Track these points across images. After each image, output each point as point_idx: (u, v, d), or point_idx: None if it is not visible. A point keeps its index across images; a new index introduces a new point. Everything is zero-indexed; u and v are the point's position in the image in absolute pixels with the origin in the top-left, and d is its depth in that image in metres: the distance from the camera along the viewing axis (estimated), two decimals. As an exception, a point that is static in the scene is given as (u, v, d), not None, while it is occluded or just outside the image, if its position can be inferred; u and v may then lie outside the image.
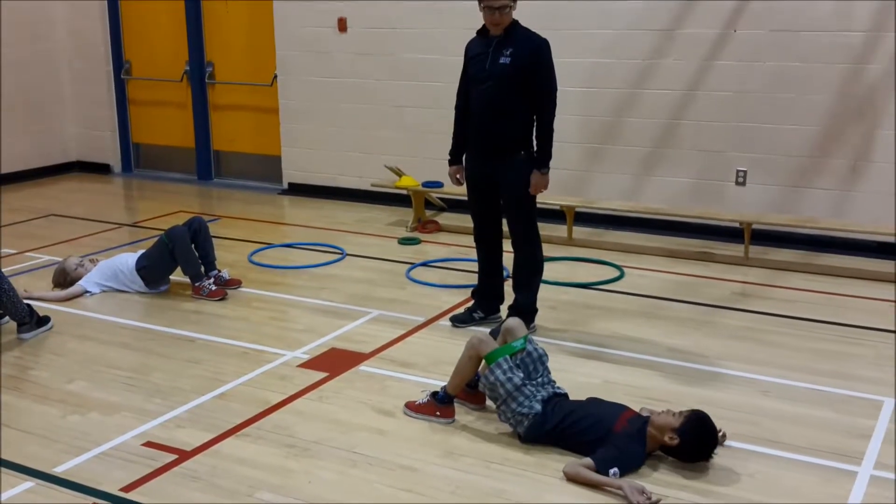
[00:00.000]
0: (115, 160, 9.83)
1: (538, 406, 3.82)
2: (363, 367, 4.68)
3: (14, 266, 6.38)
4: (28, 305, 5.13)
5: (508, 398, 3.83)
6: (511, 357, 3.92)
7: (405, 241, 7.03)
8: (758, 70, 6.68)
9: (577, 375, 4.50)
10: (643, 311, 5.49)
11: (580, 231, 7.02)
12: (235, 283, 5.94)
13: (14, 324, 5.12)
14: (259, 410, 4.19)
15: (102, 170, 9.84)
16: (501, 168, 4.90)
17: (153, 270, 5.81)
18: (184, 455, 3.80)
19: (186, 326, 5.30)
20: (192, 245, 5.79)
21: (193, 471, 3.68)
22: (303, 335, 5.13)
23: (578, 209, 6.96)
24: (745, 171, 6.87)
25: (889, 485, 3.56)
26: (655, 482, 3.55)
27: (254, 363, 4.74)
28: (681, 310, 5.53)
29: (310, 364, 4.72)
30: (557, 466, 3.65)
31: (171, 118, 9.49)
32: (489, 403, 4.08)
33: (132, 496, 3.49)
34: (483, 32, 4.91)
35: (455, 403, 4.11)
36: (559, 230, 6.94)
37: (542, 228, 5.19)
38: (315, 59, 8.32)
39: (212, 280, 5.78)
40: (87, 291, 5.81)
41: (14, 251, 6.78)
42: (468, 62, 4.99)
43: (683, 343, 4.99)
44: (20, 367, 4.76)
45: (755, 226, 6.44)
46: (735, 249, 6.55)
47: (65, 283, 5.88)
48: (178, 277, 5.90)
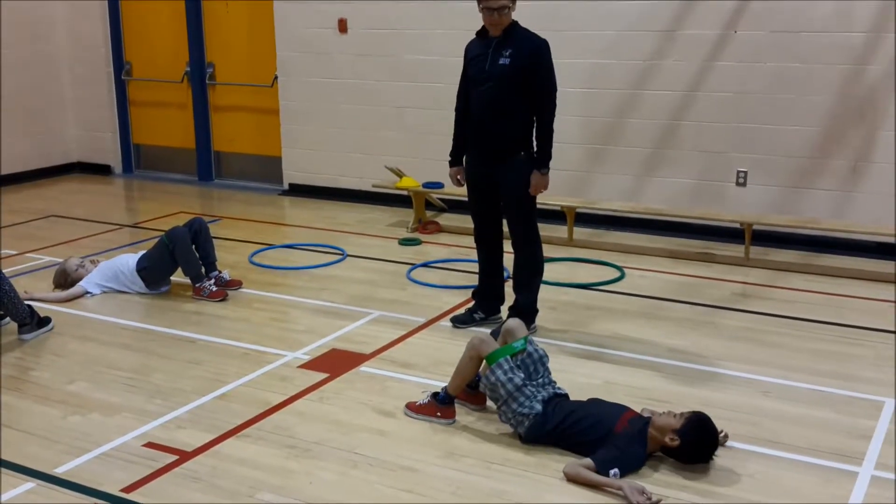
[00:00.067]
0: (116, 161, 9.83)
1: (539, 406, 3.82)
2: (364, 368, 4.68)
3: (15, 267, 6.38)
4: (29, 306, 5.13)
5: (509, 398, 3.83)
6: (512, 358, 3.92)
7: (406, 242, 7.03)
8: (758, 71, 6.68)
9: (578, 376, 4.50)
10: (644, 312, 5.49)
11: (581, 232, 7.02)
12: (236, 284, 5.94)
13: (15, 325, 5.13)
14: (260, 411, 4.19)
15: (103, 171, 9.84)
16: (501, 169, 4.90)
17: (154, 271, 5.81)
18: (184, 456, 3.80)
19: (187, 327, 5.30)
20: (193, 246, 5.79)
21: (194, 471, 3.68)
22: (303, 336, 5.13)
23: (579, 210, 6.96)
24: (746, 172, 6.87)
25: (889, 485, 3.56)
26: (656, 483, 3.56)
27: (254, 364, 4.75)
28: (681, 310, 5.53)
29: (310, 365, 4.72)
30: (558, 467, 3.65)
31: (172, 119, 9.50)
32: (490, 404, 4.08)
33: (133, 497, 3.49)
34: (482, 33, 4.91)
35: (456, 404, 4.11)
36: (560, 231, 6.94)
37: (543, 229, 5.19)
38: (315, 60, 8.32)
39: (212, 281, 5.79)
40: (88, 292, 5.82)
41: (15, 252, 6.78)
42: (468, 63, 4.99)
43: (684, 343, 4.99)
44: (21, 368, 4.77)
45: (756, 226, 6.44)
46: (736, 250, 6.55)
47: (65, 284, 5.88)
48: (179, 278, 5.90)
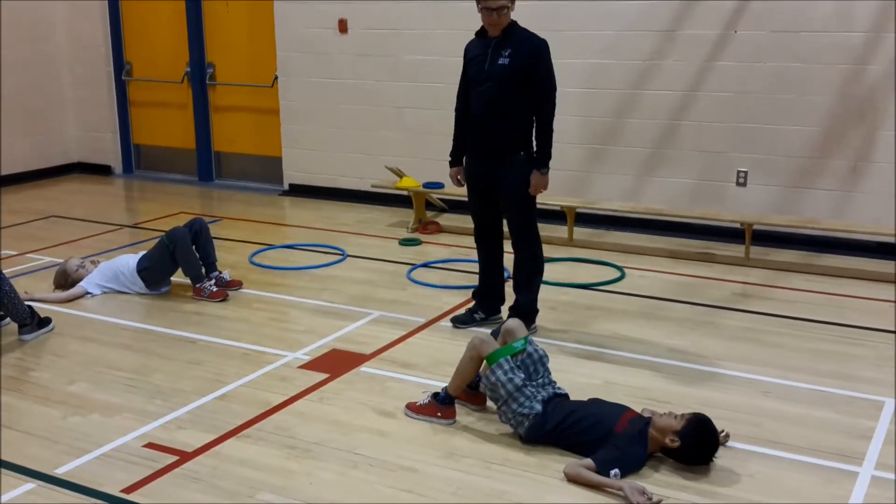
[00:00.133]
0: (116, 161, 9.83)
1: (539, 406, 3.82)
2: (364, 368, 4.68)
3: (15, 267, 6.38)
4: (29, 307, 5.13)
5: (509, 399, 3.83)
6: (512, 358, 3.92)
7: (406, 242, 7.03)
8: (758, 71, 6.68)
9: (578, 376, 4.50)
10: (644, 312, 5.49)
11: (581, 232, 7.02)
12: (236, 285, 5.94)
13: (15, 325, 5.13)
14: (260, 411, 4.19)
15: (103, 171, 9.84)
16: (501, 168, 4.90)
17: (154, 272, 5.82)
18: (185, 456, 3.80)
19: (187, 328, 5.30)
20: (193, 246, 5.79)
21: (194, 472, 3.68)
22: (303, 336, 5.13)
23: (579, 210, 6.96)
24: (746, 172, 6.87)
25: (890, 485, 3.56)
26: (656, 483, 3.56)
27: (255, 364, 4.74)
28: (681, 310, 5.53)
29: (311, 365, 4.72)
30: (558, 467, 3.65)
31: (172, 119, 9.50)
32: (490, 404, 4.08)
33: (133, 497, 3.49)
34: (482, 33, 4.91)
35: (456, 404, 4.11)
36: (560, 231, 6.94)
37: (543, 229, 5.19)
38: (315, 61, 8.32)
39: (213, 281, 5.78)
40: (88, 293, 5.82)
41: (15, 252, 6.78)
42: (467, 63, 4.99)
43: (684, 344, 4.99)
44: (21, 369, 4.77)
45: (756, 226, 6.44)
46: (736, 250, 6.55)
47: (66, 285, 5.88)
48: (179, 279, 5.90)
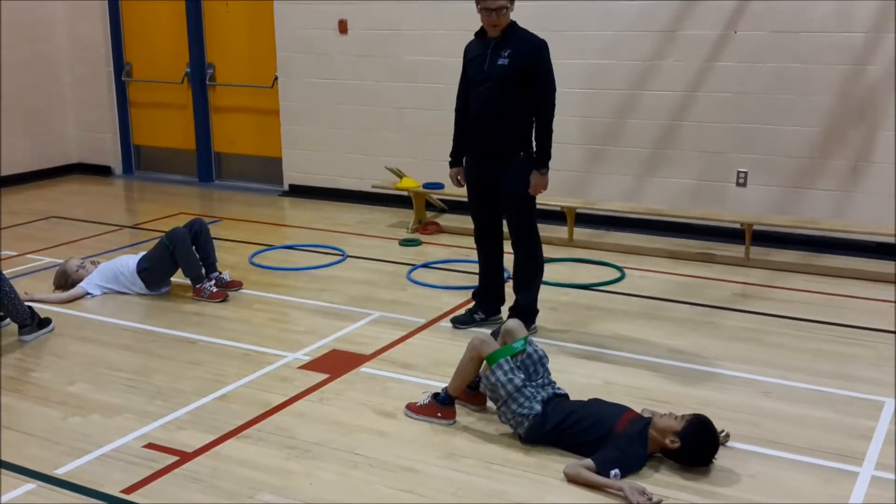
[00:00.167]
0: (116, 162, 9.83)
1: (538, 407, 3.82)
2: (364, 369, 4.68)
3: (15, 268, 6.38)
4: (29, 307, 5.13)
5: (509, 399, 3.83)
6: (512, 358, 3.92)
7: (406, 243, 7.03)
8: (758, 71, 6.68)
9: (578, 376, 4.50)
10: (644, 312, 5.49)
11: (581, 232, 7.02)
12: (236, 285, 5.94)
13: (15, 326, 5.12)
14: (260, 412, 4.19)
15: (103, 172, 9.84)
16: (501, 169, 4.90)
17: (154, 272, 5.82)
18: (185, 457, 3.80)
19: (187, 328, 5.30)
20: (193, 247, 5.79)
21: (194, 472, 3.68)
22: (304, 337, 5.13)
23: (579, 210, 6.96)
24: (746, 172, 6.87)
25: (890, 485, 3.56)
26: (656, 483, 3.56)
27: (255, 365, 4.75)
28: (681, 311, 5.53)
29: (311, 366, 4.72)
30: (558, 467, 3.65)
31: (172, 120, 9.50)
32: (490, 405, 4.08)
33: (133, 498, 3.49)
34: (481, 34, 4.90)
35: (456, 405, 4.11)
36: (560, 231, 6.94)
37: (543, 229, 5.19)
38: (316, 61, 8.33)
39: (213, 282, 5.78)
40: (88, 293, 5.82)
41: (15, 253, 6.78)
42: (467, 64, 4.99)
43: (684, 344, 4.99)
44: (21, 369, 4.77)
45: (756, 227, 6.43)
46: (736, 250, 6.55)
47: (66, 285, 5.88)
48: (179, 279, 5.90)
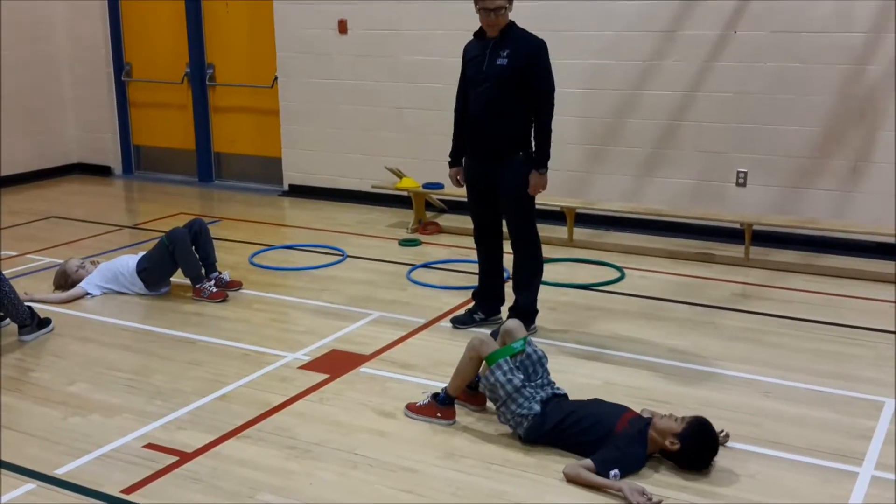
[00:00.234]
0: (116, 162, 9.83)
1: (537, 407, 3.82)
2: (364, 369, 4.68)
3: (15, 268, 6.38)
4: (29, 307, 5.13)
5: (508, 400, 3.83)
6: (511, 358, 3.92)
7: (406, 243, 7.03)
8: (758, 71, 6.68)
9: (578, 377, 4.50)
10: (644, 313, 5.49)
11: (581, 232, 7.02)
12: (236, 285, 5.94)
13: (15, 326, 5.13)
14: (260, 412, 4.19)
15: (103, 172, 9.84)
16: (500, 169, 4.90)
17: (154, 272, 5.82)
18: (185, 457, 3.80)
19: (187, 328, 5.30)
20: (193, 247, 5.79)
21: (194, 472, 3.68)
22: (303, 337, 5.13)
23: (579, 210, 6.96)
24: (746, 172, 6.87)
25: (889, 485, 3.56)
26: (656, 483, 3.56)
27: (255, 365, 4.75)
28: (681, 311, 5.53)
29: (310, 366, 4.72)
30: (558, 468, 3.65)
31: (172, 120, 9.50)
32: (489, 405, 4.08)
33: (133, 498, 3.49)
34: (480, 34, 4.90)
35: (456, 405, 4.11)
36: (560, 231, 6.94)
37: (543, 230, 5.19)
38: (315, 61, 8.33)
39: (212, 282, 5.78)
40: (88, 293, 5.82)
41: (15, 253, 6.78)
42: (466, 64, 4.99)
43: (684, 344, 4.99)
44: (21, 369, 4.77)
45: (756, 227, 6.43)
46: (736, 250, 6.55)
47: (66, 285, 5.89)
48: (179, 279, 5.90)
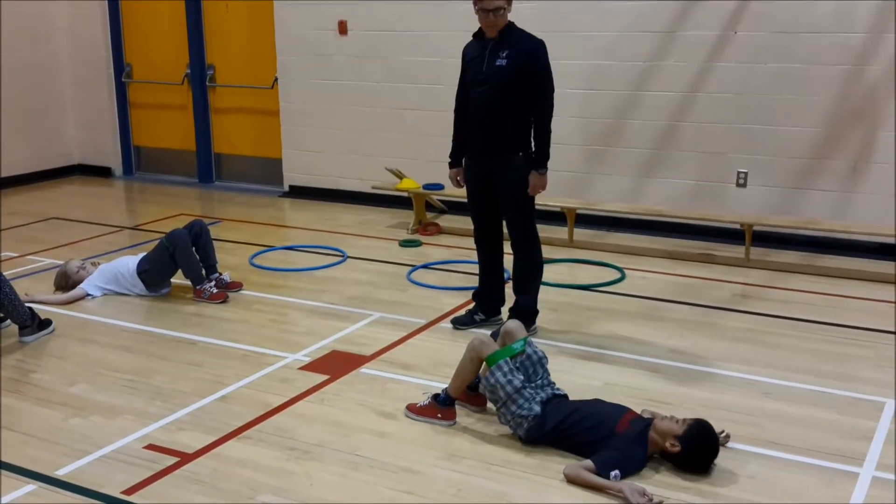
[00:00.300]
0: (116, 163, 9.83)
1: (537, 408, 3.82)
2: (364, 370, 4.68)
3: (15, 269, 6.38)
4: (29, 308, 5.13)
5: (508, 401, 3.83)
6: (511, 359, 3.92)
7: (406, 244, 7.03)
8: (758, 71, 6.68)
9: (578, 377, 4.50)
10: (644, 313, 5.49)
11: (581, 233, 7.02)
12: (236, 286, 5.94)
13: (15, 327, 5.13)
14: (260, 413, 4.19)
15: (103, 173, 9.85)
16: (500, 169, 4.90)
17: (154, 274, 5.82)
18: (185, 458, 3.80)
19: (188, 329, 5.30)
20: (193, 248, 5.79)
21: (195, 473, 3.68)
22: (304, 338, 5.13)
23: (579, 211, 6.96)
24: (746, 173, 6.87)
25: (890, 486, 3.56)
26: (656, 484, 3.56)
27: (255, 366, 4.75)
28: (682, 311, 5.53)
29: (311, 366, 4.72)
30: (558, 469, 3.65)
31: (172, 121, 9.50)
32: (490, 405, 4.08)
33: (134, 499, 3.49)
34: (479, 35, 4.91)
35: (456, 405, 4.11)
36: (560, 232, 6.94)
37: (543, 230, 5.19)
38: (315, 62, 8.33)
39: (213, 283, 5.79)
40: (89, 294, 5.82)
41: (15, 254, 6.78)
42: (465, 65, 4.99)
43: (684, 344, 4.99)
44: (22, 370, 4.77)
45: (756, 227, 6.43)
46: (736, 251, 6.55)
47: (66, 287, 5.89)
48: (180, 280, 5.91)
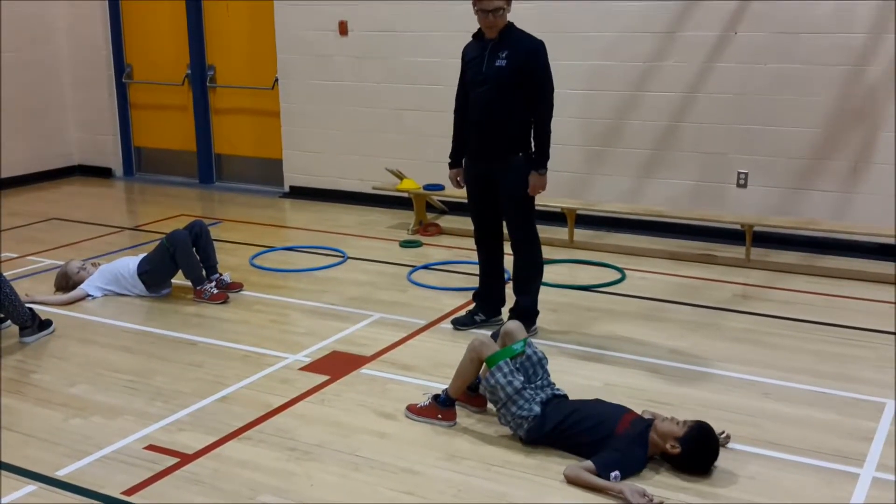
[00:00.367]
0: (117, 164, 9.84)
1: (537, 409, 3.82)
2: (364, 370, 4.68)
3: (16, 270, 6.38)
4: (30, 309, 5.14)
5: (508, 401, 3.83)
6: (511, 360, 3.92)
7: (406, 244, 7.03)
8: (758, 72, 6.68)
9: (578, 378, 4.50)
10: (644, 314, 5.49)
11: (581, 233, 7.02)
12: (237, 287, 5.94)
13: (16, 328, 5.13)
14: (261, 413, 4.20)
15: (104, 173, 9.85)
16: (500, 170, 4.90)
17: (154, 274, 5.82)
18: (185, 458, 3.80)
19: (188, 330, 5.30)
20: (194, 249, 5.80)
21: (195, 474, 3.68)
22: (304, 338, 5.13)
23: (579, 211, 6.96)
24: (747, 174, 6.87)
25: (890, 486, 3.56)
26: (656, 484, 3.56)
27: (255, 366, 4.75)
28: (682, 312, 5.53)
29: (311, 367, 4.72)
30: (558, 469, 3.65)
31: (173, 122, 9.51)
32: (490, 406, 4.08)
33: (134, 499, 3.49)
34: (479, 35, 4.91)
35: (456, 406, 4.11)
36: (560, 232, 6.94)
37: (543, 231, 5.19)
38: (316, 63, 8.33)
39: (213, 283, 5.79)
40: (89, 295, 5.82)
41: (16, 255, 6.79)
42: (465, 66, 5.00)
43: (685, 345, 4.99)
44: (22, 371, 4.77)
45: (756, 228, 6.44)
46: (736, 251, 6.55)
47: (67, 287, 5.89)
48: (180, 281, 5.91)
